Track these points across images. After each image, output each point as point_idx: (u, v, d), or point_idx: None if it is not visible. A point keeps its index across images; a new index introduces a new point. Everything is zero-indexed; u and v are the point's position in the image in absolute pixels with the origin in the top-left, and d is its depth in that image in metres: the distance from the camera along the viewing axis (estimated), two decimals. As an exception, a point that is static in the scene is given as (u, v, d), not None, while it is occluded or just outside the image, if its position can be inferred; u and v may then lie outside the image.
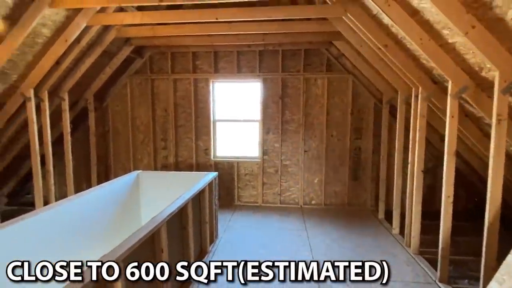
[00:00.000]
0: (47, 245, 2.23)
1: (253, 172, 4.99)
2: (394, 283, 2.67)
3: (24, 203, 5.12)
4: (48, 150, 3.81)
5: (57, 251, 2.23)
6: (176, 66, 4.94)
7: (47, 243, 2.24)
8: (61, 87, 4.02)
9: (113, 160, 5.19)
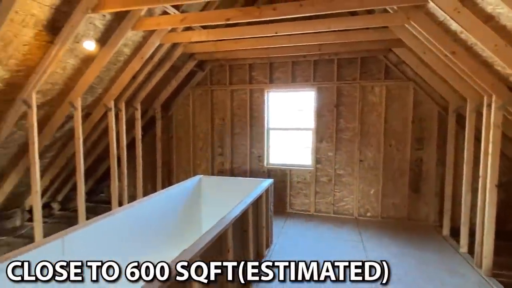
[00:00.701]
0: (122, 242, 2.51)
1: (306, 180, 5.01)
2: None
3: (98, 201, 5.79)
4: (123, 154, 4.29)
5: (131, 248, 2.51)
6: (234, 78, 5.21)
7: (122, 241, 2.52)
8: (135, 98, 4.52)
9: (175, 165, 5.62)
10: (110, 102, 3.96)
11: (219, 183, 3.97)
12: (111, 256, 2.29)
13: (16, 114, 3.03)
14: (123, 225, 2.52)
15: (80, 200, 3.63)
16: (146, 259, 2.74)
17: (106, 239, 2.27)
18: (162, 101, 5.18)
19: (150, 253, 2.73)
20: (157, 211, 3.08)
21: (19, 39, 2.52)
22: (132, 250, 2.53)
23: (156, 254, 2.81)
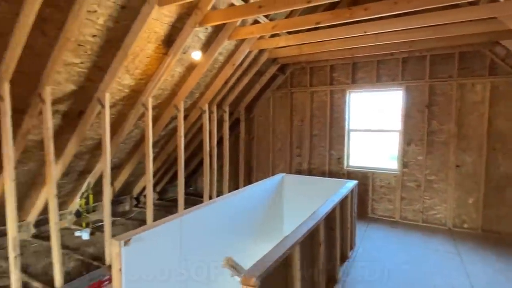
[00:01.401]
0: (219, 227, 2.79)
1: (390, 185, 4.77)
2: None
3: (187, 193, 6.45)
4: (214, 152, 4.74)
5: (225, 234, 2.77)
6: (314, 79, 5.28)
7: (219, 226, 2.80)
8: (224, 101, 4.95)
9: (255, 164, 5.94)
10: (205, 105, 4.43)
11: (301, 181, 4.07)
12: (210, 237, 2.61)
13: (136, 115, 3.64)
14: (220, 214, 2.81)
15: (180, 191, 4.14)
16: (233, 250, 3.01)
17: (209, 223, 2.58)
18: (246, 104, 5.54)
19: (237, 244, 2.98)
20: (245, 204, 3.34)
21: (143, 52, 3.05)
22: (225, 236, 2.81)
23: (241, 245, 3.06)
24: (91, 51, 2.66)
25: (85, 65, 2.73)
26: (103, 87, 2.97)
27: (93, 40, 2.59)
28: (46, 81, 2.51)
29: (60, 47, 2.34)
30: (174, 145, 4.92)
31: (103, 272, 2.97)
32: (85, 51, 2.62)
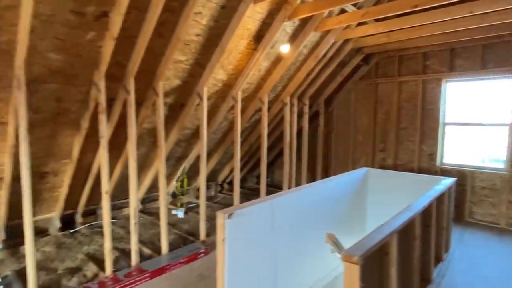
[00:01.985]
0: (305, 214, 2.86)
1: (495, 186, 4.18)
2: None
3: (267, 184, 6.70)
4: (293, 144, 4.84)
5: (310, 221, 2.83)
6: (403, 69, 4.92)
7: (305, 213, 2.87)
8: (304, 94, 5.00)
9: (333, 158, 5.85)
10: (287, 98, 4.55)
11: (387, 176, 3.87)
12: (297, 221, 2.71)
13: (227, 108, 3.96)
14: (307, 201, 2.88)
15: (262, 179, 4.35)
16: (317, 236, 3.05)
17: (296, 208, 2.69)
18: (326, 97, 5.48)
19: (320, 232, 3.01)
20: (329, 195, 3.33)
21: (236, 49, 3.30)
22: (310, 222, 2.88)
23: (323, 234, 3.08)
24: (195, 49, 3.00)
25: (189, 62, 3.09)
26: (202, 82, 3.32)
27: (197, 39, 2.91)
28: (160, 77, 2.93)
29: (172, 47, 2.71)
30: (255, 136, 5.18)
31: (198, 245, 3.35)
32: (189, 50, 2.97)
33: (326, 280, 3.17)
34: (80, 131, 2.96)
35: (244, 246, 2.14)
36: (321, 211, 3.10)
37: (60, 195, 3.58)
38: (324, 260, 3.23)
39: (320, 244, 3.19)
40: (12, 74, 2.24)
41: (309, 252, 2.97)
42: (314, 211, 2.99)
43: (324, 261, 3.24)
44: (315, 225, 2.98)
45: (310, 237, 3.01)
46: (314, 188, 2.97)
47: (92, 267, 2.97)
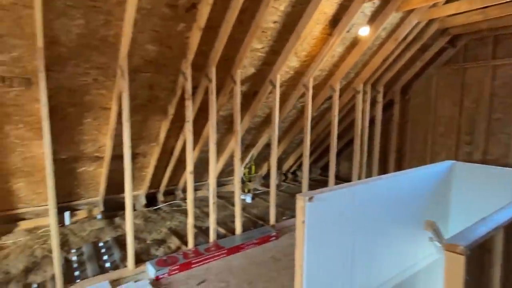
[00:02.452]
0: (382, 206, 2.72)
1: None
2: None
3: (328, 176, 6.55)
4: (365, 134, 4.62)
5: (388, 215, 2.68)
6: (499, 51, 4.29)
7: (382, 205, 2.73)
8: (378, 81, 4.71)
9: (408, 151, 5.43)
10: (359, 85, 4.34)
11: (479, 172, 3.46)
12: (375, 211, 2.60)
13: (297, 96, 3.95)
14: (386, 191, 2.73)
15: (331, 169, 4.26)
16: (396, 232, 2.88)
17: (376, 198, 2.57)
18: (402, 84, 5.08)
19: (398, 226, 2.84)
20: (408, 188, 3.11)
21: (311, 34, 3.24)
22: (389, 215, 2.73)
23: (401, 229, 2.90)
24: (270, 37, 3.04)
25: (264, 49, 3.15)
26: (275, 69, 3.36)
27: (274, 26, 2.94)
28: (238, 65, 3.04)
29: (251, 34, 2.78)
30: (323, 126, 5.08)
31: (268, 229, 3.44)
32: (266, 37, 3.02)
33: (404, 275, 3.01)
34: (167, 116, 3.25)
35: (322, 230, 2.13)
36: (402, 203, 2.93)
37: (146, 175, 4.00)
38: (403, 255, 3.06)
39: (400, 238, 3.03)
40: (116, 65, 2.55)
41: (388, 244, 2.84)
42: (395, 203, 2.83)
43: (404, 255, 3.07)
44: (396, 217, 2.83)
45: (390, 229, 2.87)
46: (396, 179, 2.81)
47: (175, 240, 3.28)
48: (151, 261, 2.63)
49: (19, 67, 2.25)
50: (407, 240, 3.24)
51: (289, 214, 4.19)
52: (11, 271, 2.62)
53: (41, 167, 3.12)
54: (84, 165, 3.38)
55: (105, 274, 2.54)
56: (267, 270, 2.63)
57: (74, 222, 3.70)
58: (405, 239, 3.16)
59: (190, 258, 2.66)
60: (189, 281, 2.45)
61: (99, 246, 3.10)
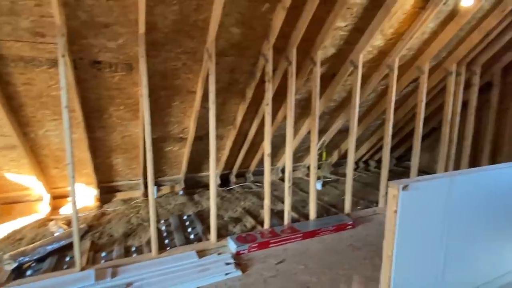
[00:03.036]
0: (476, 202, 2.39)
1: None
2: None
3: (406, 167, 6.06)
4: (456, 121, 4.11)
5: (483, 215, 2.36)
6: None
7: (477, 202, 2.39)
8: (475, 60, 4.11)
9: (507, 141, 4.69)
10: (452, 66, 3.85)
11: None
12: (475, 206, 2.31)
13: (378, 78, 3.67)
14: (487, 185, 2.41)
15: (414, 160, 3.91)
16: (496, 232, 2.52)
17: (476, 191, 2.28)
18: (504, 65, 4.36)
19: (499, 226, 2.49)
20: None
21: (402, 9, 2.94)
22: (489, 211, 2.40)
23: (504, 228, 2.52)
24: (356, 13, 2.84)
25: (348, 28, 2.97)
26: (358, 49, 3.15)
27: (360, 2, 2.74)
28: (319, 46, 2.94)
29: (336, 12, 2.64)
30: (403, 112, 4.67)
31: (343, 217, 3.33)
32: (351, 14, 2.83)
33: (502, 281, 2.65)
34: (245, 100, 3.33)
35: (414, 221, 1.97)
36: (506, 199, 2.56)
37: (222, 156, 4.20)
38: (504, 257, 2.70)
39: (502, 237, 2.67)
40: (203, 49, 2.67)
41: (485, 244, 2.52)
42: (498, 198, 2.48)
43: (504, 257, 2.71)
44: (498, 214, 2.49)
45: (490, 228, 2.54)
46: (502, 172, 2.45)
47: (250, 219, 3.39)
48: (231, 236, 2.77)
49: (123, 53, 2.50)
50: (509, 241, 2.84)
51: (363, 204, 4.01)
52: (113, 235, 3.02)
53: (135, 145, 3.49)
54: (170, 145, 3.69)
55: (191, 244, 2.76)
56: (346, 258, 2.55)
57: (160, 196, 4.09)
58: (507, 239, 2.77)
59: (267, 237, 2.73)
60: (268, 260, 2.51)
61: (183, 219, 3.37)
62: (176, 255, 2.53)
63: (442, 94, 4.20)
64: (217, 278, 2.21)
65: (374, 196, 4.15)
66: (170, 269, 2.30)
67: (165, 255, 2.55)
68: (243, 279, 2.24)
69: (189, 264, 2.38)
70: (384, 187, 3.78)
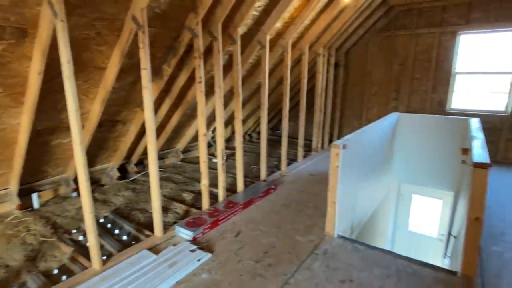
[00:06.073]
0: (366, 154, 3.31)
1: (495, 126, 4.92)
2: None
3: (278, 135, 7.09)
4: (323, 95, 5.15)
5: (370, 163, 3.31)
6: (421, 21, 5.27)
7: (366, 153, 3.31)
8: (332, 46, 5.20)
9: (347, 108, 6.30)
10: (320, 49, 4.76)
11: (414, 119, 4.40)
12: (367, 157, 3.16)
13: (273, 58, 4.09)
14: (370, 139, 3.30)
15: (301, 129, 4.68)
16: (376, 172, 3.54)
17: (366, 145, 3.12)
18: (347, 49, 5.75)
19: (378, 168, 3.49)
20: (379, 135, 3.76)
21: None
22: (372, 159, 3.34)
23: (379, 169, 3.59)
24: (268, -5, 3.06)
25: (260, 8, 3.16)
26: (265, 30, 3.42)
27: (273, -15, 2.97)
28: (239, 23, 3.00)
29: (258, -8, 2.77)
30: (280, 92, 5.40)
31: (263, 184, 3.69)
32: (264, -5, 3.03)
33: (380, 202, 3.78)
34: (162, 78, 3.02)
35: (345, 171, 2.53)
36: (378, 147, 3.59)
37: (122, 144, 3.66)
38: (382, 186, 3.81)
39: (379, 175, 3.72)
40: (124, 17, 2.24)
41: (374, 179, 3.50)
42: (375, 147, 3.47)
43: (383, 187, 3.82)
44: (376, 158, 3.47)
45: (376, 168, 3.51)
46: (377, 126, 3.41)
47: (179, 205, 3.24)
48: (178, 224, 2.61)
49: (17, 13, 1.78)
50: (382, 179, 3.99)
51: (269, 170, 4.52)
52: (11, 264, 2.23)
53: (9, 142, 2.58)
54: (59, 137, 2.91)
55: (137, 244, 2.41)
56: (285, 215, 2.93)
57: (43, 204, 3.20)
58: (381, 176, 3.89)
59: (215, 216, 2.74)
60: (225, 235, 2.56)
61: (101, 222, 2.84)
62: (128, 260, 2.18)
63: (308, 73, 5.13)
64: (192, 267, 2.11)
65: (268, 163, 4.74)
66: (133, 275, 1.99)
67: (112, 264, 2.15)
68: (216, 259, 2.23)
69: (151, 263, 2.13)
70: (285, 155, 4.35)
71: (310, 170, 4.47)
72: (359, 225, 3.13)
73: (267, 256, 2.27)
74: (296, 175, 4.21)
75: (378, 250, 2.34)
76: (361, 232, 3.20)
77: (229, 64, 3.71)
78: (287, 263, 2.18)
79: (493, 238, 2.56)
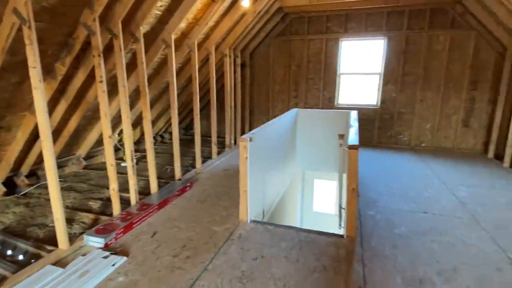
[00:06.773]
0: (270, 149, 3.71)
1: (370, 117, 6.03)
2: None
3: (191, 134, 7.11)
4: (232, 93, 5.41)
5: (273, 157, 3.72)
6: (311, 28, 6.04)
7: (270, 147, 3.71)
8: (237, 47, 5.50)
9: (256, 105, 6.75)
10: (226, 50, 4.99)
11: (312, 113, 5.07)
12: (273, 148, 3.53)
13: (180, 58, 4.12)
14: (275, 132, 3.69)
15: (213, 128, 4.83)
16: (281, 163, 4.00)
17: (271, 137, 3.48)
18: (251, 51, 6.15)
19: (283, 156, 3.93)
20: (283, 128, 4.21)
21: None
22: (279, 149, 3.75)
23: (281, 162, 4.05)
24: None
25: (162, 8, 3.17)
26: (169, 29, 3.44)
27: (175, -13, 3.03)
28: (140, 22, 2.95)
29: (159, -8, 2.79)
30: (190, 91, 5.45)
31: (178, 183, 3.72)
32: (166, -4, 3.06)
33: (288, 187, 4.22)
34: (55, 77, 2.74)
35: (253, 162, 2.80)
36: (283, 139, 4.02)
37: (6, 154, 3.18)
38: (288, 174, 4.24)
39: (285, 163, 4.14)
40: (3, 10, 1.99)
41: (279, 168, 3.90)
42: (280, 138, 3.88)
43: (288, 174, 4.26)
44: (282, 148, 3.89)
45: (280, 158, 3.90)
46: (281, 120, 3.82)
47: (85, 214, 3.01)
48: (87, 233, 2.45)
49: None
50: (287, 167, 4.44)
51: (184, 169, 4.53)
52: None
53: None
54: None
55: (37, 261, 2.17)
56: (201, 210, 3.05)
57: None
58: (286, 164, 4.33)
59: (128, 220, 2.67)
60: (141, 237, 2.53)
61: (-15, 245, 2.43)
62: (28, 279, 1.97)
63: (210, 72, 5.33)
64: (106, 273, 2.04)
65: (183, 162, 4.77)
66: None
67: (8, 286, 1.91)
68: (133, 261, 2.20)
69: (58, 277, 1.97)
70: (199, 153, 4.44)
71: (224, 165, 4.68)
72: (270, 210, 3.47)
73: (185, 250, 2.36)
74: (211, 172, 4.36)
75: (284, 227, 2.69)
76: (272, 215, 3.56)
77: (133, 62, 3.60)
78: (205, 253, 2.31)
79: (369, 205, 3.22)
